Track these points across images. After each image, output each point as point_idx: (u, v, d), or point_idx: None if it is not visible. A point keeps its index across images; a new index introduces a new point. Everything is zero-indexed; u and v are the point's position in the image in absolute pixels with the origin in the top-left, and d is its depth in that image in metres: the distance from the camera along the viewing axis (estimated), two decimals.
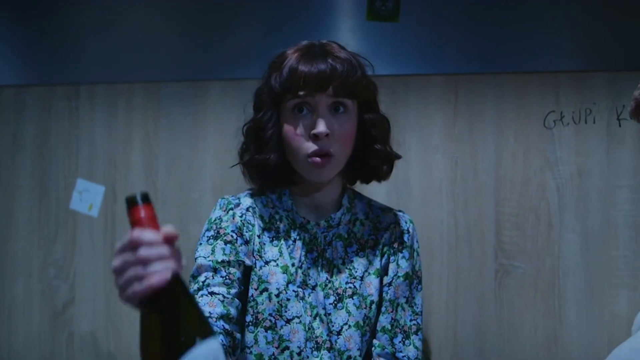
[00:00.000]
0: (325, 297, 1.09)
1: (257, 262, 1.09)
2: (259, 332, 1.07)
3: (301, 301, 1.08)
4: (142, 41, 1.57)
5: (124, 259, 0.66)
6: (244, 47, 1.53)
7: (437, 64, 1.48)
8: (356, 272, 1.12)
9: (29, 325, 1.59)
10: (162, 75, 1.56)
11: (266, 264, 1.09)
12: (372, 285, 1.12)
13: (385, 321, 1.13)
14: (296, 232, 1.12)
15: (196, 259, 1.07)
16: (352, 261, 1.12)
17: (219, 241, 1.08)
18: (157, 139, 1.57)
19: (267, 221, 1.12)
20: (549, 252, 1.43)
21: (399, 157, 1.16)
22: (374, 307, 1.12)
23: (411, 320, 1.14)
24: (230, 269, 1.05)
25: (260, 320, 1.07)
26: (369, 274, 1.13)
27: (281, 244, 1.10)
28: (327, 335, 1.08)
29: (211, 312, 0.98)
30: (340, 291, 1.10)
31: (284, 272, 1.08)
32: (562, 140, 1.44)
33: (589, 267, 1.42)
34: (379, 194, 1.41)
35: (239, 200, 1.13)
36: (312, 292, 1.09)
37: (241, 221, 1.10)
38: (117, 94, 1.59)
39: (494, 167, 1.46)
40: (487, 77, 1.47)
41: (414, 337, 1.13)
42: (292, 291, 1.07)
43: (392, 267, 1.14)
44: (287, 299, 1.07)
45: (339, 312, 1.09)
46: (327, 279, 1.10)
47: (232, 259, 1.06)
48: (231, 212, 1.11)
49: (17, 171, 1.62)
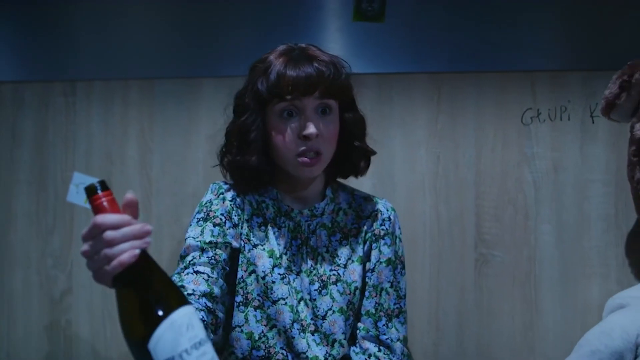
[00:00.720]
0: (310, 283, 1.13)
1: (245, 245, 1.12)
2: (249, 311, 1.11)
3: (287, 285, 1.11)
4: (138, 39, 1.58)
5: (91, 243, 0.69)
6: (235, 46, 1.54)
7: (420, 63, 1.51)
8: (340, 260, 1.16)
9: (28, 313, 1.60)
10: (157, 72, 1.58)
11: (254, 247, 1.12)
12: (355, 272, 1.16)
13: (369, 305, 1.16)
14: (281, 219, 1.15)
15: (186, 239, 1.09)
16: (335, 249, 1.16)
17: (208, 223, 1.10)
18: (152, 134, 1.59)
19: (255, 207, 1.15)
20: (526, 243, 1.48)
21: (374, 153, 1.19)
22: (357, 292, 1.15)
23: (395, 303, 1.18)
24: (217, 251, 1.07)
25: (249, 300, 1.11)
26: (353, 261, 1.16)
27: (268, 229, 1.14)
28: (311, 319, 1.12)
29: (195, 290, 1.00)
30: (324, 278, 1.14)
31: (270, 256, 1.12)
32: (539, 136, 1.49)
33: (564, 257, 1.47)
34: (364, 187, 1.44)
35: (230, 185, 1.16)
36: (296, 278, 1.13)
37: (231, 205, 1.13)
38: (113, 90, 1.60)
39: (474, 161, 1.50)
40: (468, 76, 1.51)
41: (396, 319, 1.17)
42: (278, 274, 1.11)
43: (374, 253, 1.17)
44: (273, 282, 1.11)
45: (323, 298, 1.13)
46: (311, 266, 1.14)
47: (219, 240, 1.08)
48: (222, 196, 1.14)
49: (15, 165, 1.62)
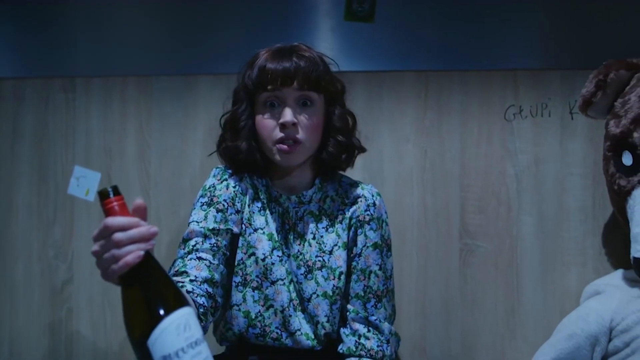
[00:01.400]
0: (297, 268, 1.17)
1: (247, 229, 1.17)
2: (247, 291, 1.16)
3: (284, 265, 1.16)
4: (136, 38, 1.61)
5: (101, 243, 0.75)
6: (231, 44, 1.57)
7: (408, 62, 1.54)
8: (325, 246, 1.19)
9: (30, 302, 1.63)
10: (155, 69, 1.61)
11: (255, 231, 1.17)
12: (340, 257, 1.19)
13: (358, 288, 1.20)
14: (272, 204, 1.20)
15: (189, 223, 1.13)
16: (322, 236, 1.20)
17: (211, 208, 1.14)
18: (150, 129, 1.61)
19: (255, 192, 1.20)
20: (508, 233, 1.52)
21: (364, 150, 1.23)
22: (342, 277, 1.19)
23: (383, 284, 1.21)
24: (218, 237, 1.12)
25: (248, 281, 1.16)
26: (338, 247, 1.20)
27: (267, 214, 1.19)
28: (298, 301, 1.17)
29: (197, 276, 1.05)
30: (310, 263, 1.18)
31: (269, 239, 1.17)
32: (521, 131, 1.52)
33: (544, 247, 1.51)
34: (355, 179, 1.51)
35: (233, 171, 1.21)
36: (287, 260, 1.18)
37: (234, 191, 1.18)
38: (112, 87, 1.62)
39: (459, 156, 1.54)
40: (454, 74, 1.54)
41: (385, 299, 1.21)
42: (277, 256, 1.16)
43: (360, 238, 1.21)
44: (272, 263, 1.16)
45: (308, 282, 1.17)
46: (298, 251, 1.19)
47: (221, 227, 1.13)
48: (225, 182, 1.18)
49: (17, 159, 1.64)
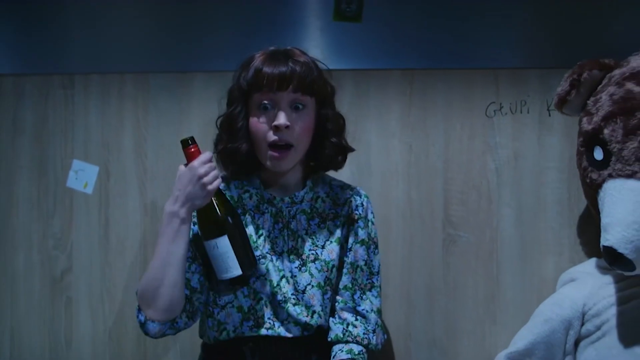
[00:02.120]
0: (291, 262, 1.23)
1: None
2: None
3: (270, 263, 1.21)
4: (133, 36, 1.63)
5: (206, 170, 1.12)
6: (225, 42, 1.59)
7: (394, 61, 1.58)
8: (318, 241, 1.25)
9: (30, 291, 1.66)
10: (151, 66, 1.63)
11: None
12: (333, 251, 1.26)
13: (347, 280, 1.28)
14: (264, 205, 1.25)
15: None
16: (314, 232, 1.26)
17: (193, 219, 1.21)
18: (146, 124, 1.64)
19: (236, 200, 1.25)
20: (489, 224, 1.57)
21: (352, 149, 1.28)
22: (334, 270, 1.26)
23: (368, 279, 1.29)
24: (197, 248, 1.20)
25: None
26: (331, 242, 1.26)
27: (246, 218, 1.23)
28: (292, 293, 1.22)
29: None
30: (304, 257, 1.24)
31: (259, 238, 1.23)
32: (501, 127, 1.57)
33: (522, 237, 1.56)
34: (343, 174, 1.45)
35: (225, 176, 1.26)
36: (279, 258, 1.23)
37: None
38: (110, 83, 1.64)
39: (443, 151, 1.58)
40: (438, 72, 1.58)
41: (369, 292, 1.29)
42: (258, 256, 1.21)
43: (351, 235, 1.28)
44: (259, 258, 1.21)
45: (303, 275, 1.23)
46: (292, 247, 1.24)
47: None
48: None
49: (17, 153, 1.67)
